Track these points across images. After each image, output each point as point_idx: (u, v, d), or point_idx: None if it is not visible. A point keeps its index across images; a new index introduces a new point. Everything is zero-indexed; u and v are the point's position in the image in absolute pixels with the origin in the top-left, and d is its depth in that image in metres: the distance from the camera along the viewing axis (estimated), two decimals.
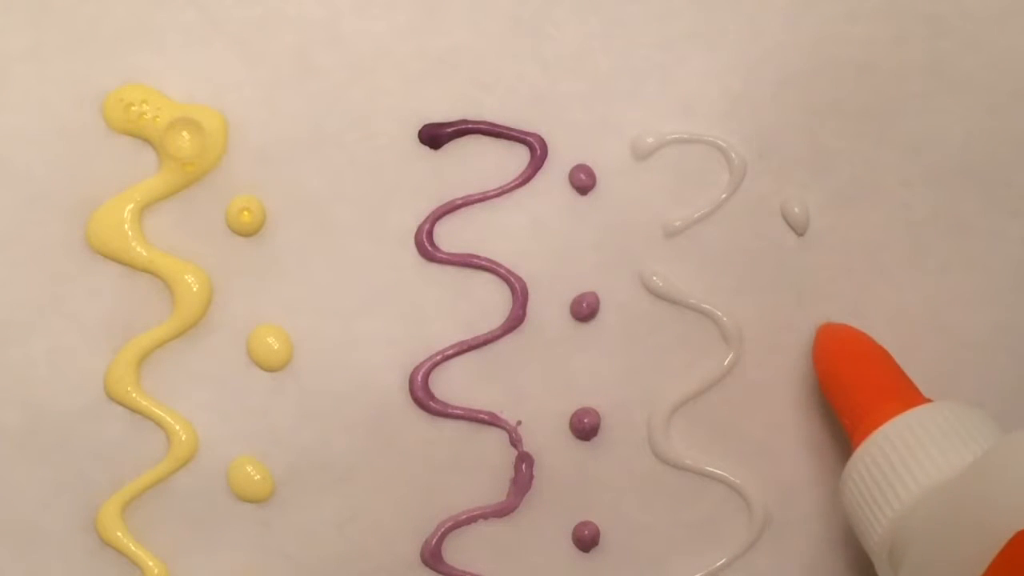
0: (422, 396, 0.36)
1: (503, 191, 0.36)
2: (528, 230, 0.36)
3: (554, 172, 0.36)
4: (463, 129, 0.36)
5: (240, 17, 0.36)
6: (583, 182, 0.36)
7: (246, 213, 0.35)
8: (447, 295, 0.36)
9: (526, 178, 0.36)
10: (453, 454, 0.36)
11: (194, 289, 0.35)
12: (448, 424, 0.36)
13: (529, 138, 0.36)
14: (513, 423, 0.36)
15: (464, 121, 0.36)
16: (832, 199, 0.36)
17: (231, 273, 0.36)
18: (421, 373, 0.36)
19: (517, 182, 0.36)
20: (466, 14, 0.36)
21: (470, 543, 0.36)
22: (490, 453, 0.36)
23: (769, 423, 0.37)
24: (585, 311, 0.36)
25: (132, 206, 0.35)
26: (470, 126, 0.36)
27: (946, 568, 0.28)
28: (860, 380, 0.34)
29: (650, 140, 0.36)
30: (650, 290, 0.36)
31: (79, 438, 0.35)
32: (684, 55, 0.36)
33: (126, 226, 0.35)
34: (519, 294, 0.36)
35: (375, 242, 0.36)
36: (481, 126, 0.36)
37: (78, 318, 0.35)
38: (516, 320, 0.36)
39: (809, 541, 0.37)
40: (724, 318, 0.36)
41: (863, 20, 0.36)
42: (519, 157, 0.36)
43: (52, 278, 0.35)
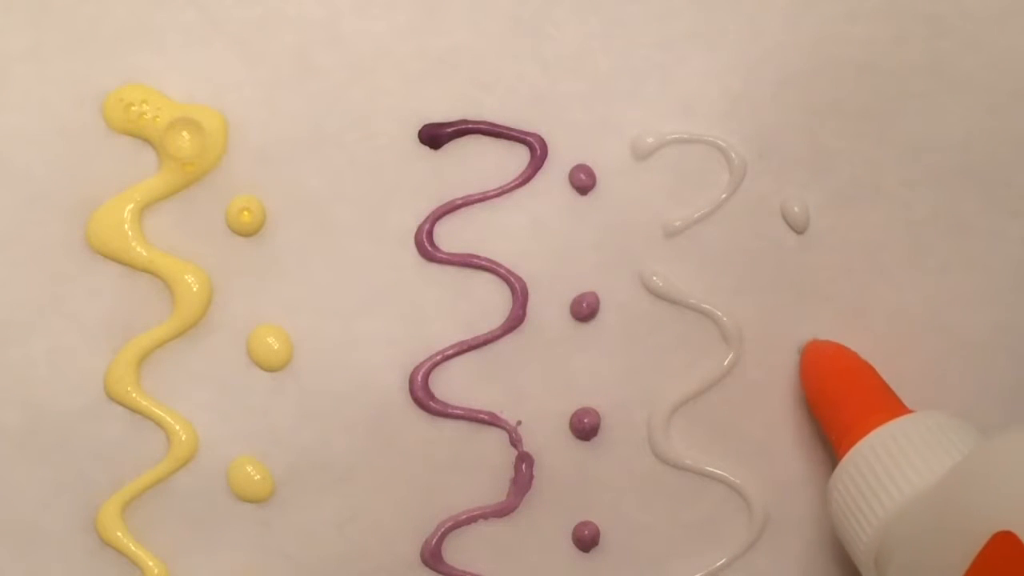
0: (422, 396, 0.36)
1: (503, 191, 0.36)
2: (528, 230, 0.36)
3: (554, 172, 0.36)
4: (463, 129, 0.36)
5: (240, 17, 0.36)
6: (583, 182, 0.36)
7: (246, 213, 0.35)
8: (447, 295, 0.36)
9: (526, 178, 0.36)
10: (453, 454, 0.36)
11: (194, 289, 0.35)
12: (448, 424, 0.36)
13: (529, 138, 0.36)
14: (513, 423, 0.36)
15: (464, 121, 0.36)
16: (832, 199, 0.36)
17: (231, 273, 0.36)
18: (421, 373, 0.36)
19: (517, 182, 0.36)
20: (466, 14, 0.36)
21: (470, 543, 0.36)
22: (490, 453, 0.36)
23: (769, 423, 0.37)
24: (585, 311, 0.36)
25: (132, 206, 0.35)
26: (470, 126, 0.36)
27: (930, 572, 0.28)
28: (845, 395, 0.34)
29: (650, 140, 0.36)
30: (650, 290, 0.36)
31: (79, 438, 0.35)
32: (684, 55, 0.36)
33: (126, 226, 0.35)
34: (519, 294, 0.36)
35: (375, 242, 0.36)
36: (481, 126, 0.36)
37: (78, 318, 0.35)
38: (516, 320, 0.36)
39: (809, 541, 0.37)
40: (724, 318, 0.36)
41: (863, 20, 0.36)
42: (519, 157, 0.36)
43: (52, 278, 0.35)
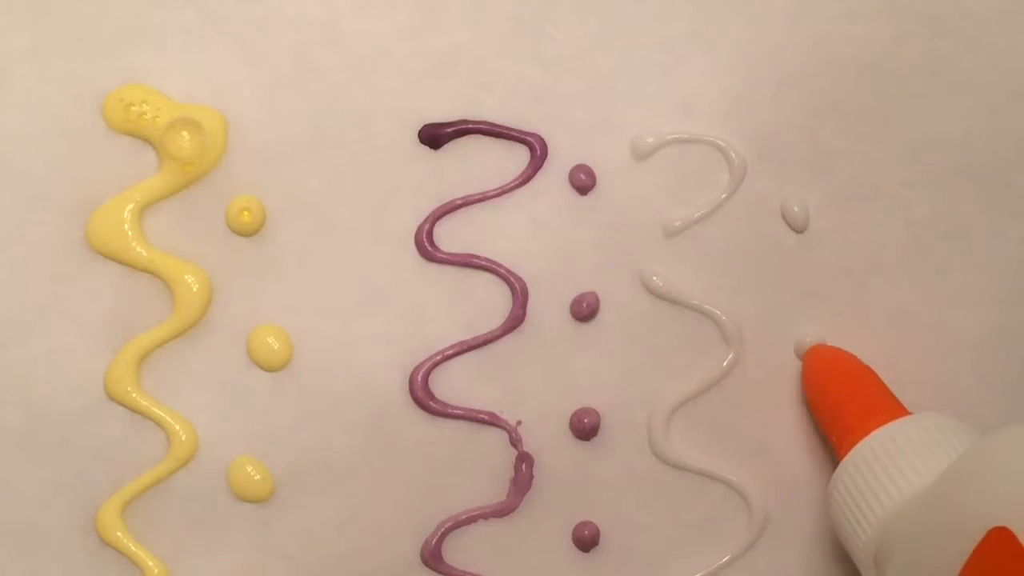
0: (422, 396, 0.36)
1: (503, 191, 0.36)
2: (528, 230, 0.36)
3: (554, 172, 0.36)
4: (463, 129, 0.36)
5: (240, 17, 0.36)
6: (583, 182, 0.36)
7: (246, 213, 0.35)
8: (447, 295, 0.36)
9: (526, 178, 0.36)
10: (453, 454, 0.36)
11: (194, 289, 0.35)
12: (448, 424, 0.36)
13: (529, 138, 0.36)
14: (513, 423, 0.36)
15: (464, 121, 0.36)
16: (832, 199, 0.36)
17: (231, 273, 0.36)
18: (421, 373, 0.36)
19: (517, 182, 0.36)
20: (466, 14, 0.36)
21: (470, 543, 0.36)
22: (490, 453, 0.36)
23: (769, 423, 0.37)
24: (585, 311, 0.36)
25: (132, 206, 0.35)
26: (470, 126, 0.36)
27: (927, 570, 0.28)
28: (847, 399, 0.34)
29: (650, 140, 0.36)
30: (650, 290, 0.36)
31: (79, 438, 0.35)
32: (684, 55, 0.36)
33: (126, 226, 0.35)
34: (519, 294, 0.36)
35: (375, 242, 0.36)
36: (481, 126, 0.36)
37: (78, 318, 0.35)
38: (516, 320, 0.36)
39: (809, 540, 0.37)
40: (724, 318, 0.36)
41: (863, 20, 0.36)
42: (519, 157, 0.36)
43: (52, 278, 0.35)
